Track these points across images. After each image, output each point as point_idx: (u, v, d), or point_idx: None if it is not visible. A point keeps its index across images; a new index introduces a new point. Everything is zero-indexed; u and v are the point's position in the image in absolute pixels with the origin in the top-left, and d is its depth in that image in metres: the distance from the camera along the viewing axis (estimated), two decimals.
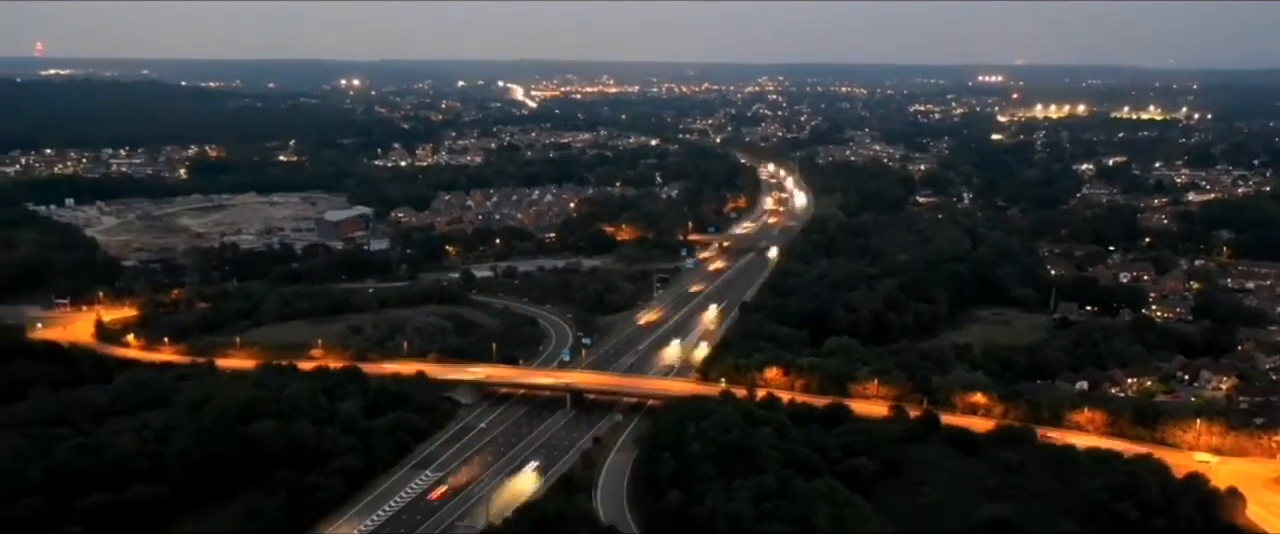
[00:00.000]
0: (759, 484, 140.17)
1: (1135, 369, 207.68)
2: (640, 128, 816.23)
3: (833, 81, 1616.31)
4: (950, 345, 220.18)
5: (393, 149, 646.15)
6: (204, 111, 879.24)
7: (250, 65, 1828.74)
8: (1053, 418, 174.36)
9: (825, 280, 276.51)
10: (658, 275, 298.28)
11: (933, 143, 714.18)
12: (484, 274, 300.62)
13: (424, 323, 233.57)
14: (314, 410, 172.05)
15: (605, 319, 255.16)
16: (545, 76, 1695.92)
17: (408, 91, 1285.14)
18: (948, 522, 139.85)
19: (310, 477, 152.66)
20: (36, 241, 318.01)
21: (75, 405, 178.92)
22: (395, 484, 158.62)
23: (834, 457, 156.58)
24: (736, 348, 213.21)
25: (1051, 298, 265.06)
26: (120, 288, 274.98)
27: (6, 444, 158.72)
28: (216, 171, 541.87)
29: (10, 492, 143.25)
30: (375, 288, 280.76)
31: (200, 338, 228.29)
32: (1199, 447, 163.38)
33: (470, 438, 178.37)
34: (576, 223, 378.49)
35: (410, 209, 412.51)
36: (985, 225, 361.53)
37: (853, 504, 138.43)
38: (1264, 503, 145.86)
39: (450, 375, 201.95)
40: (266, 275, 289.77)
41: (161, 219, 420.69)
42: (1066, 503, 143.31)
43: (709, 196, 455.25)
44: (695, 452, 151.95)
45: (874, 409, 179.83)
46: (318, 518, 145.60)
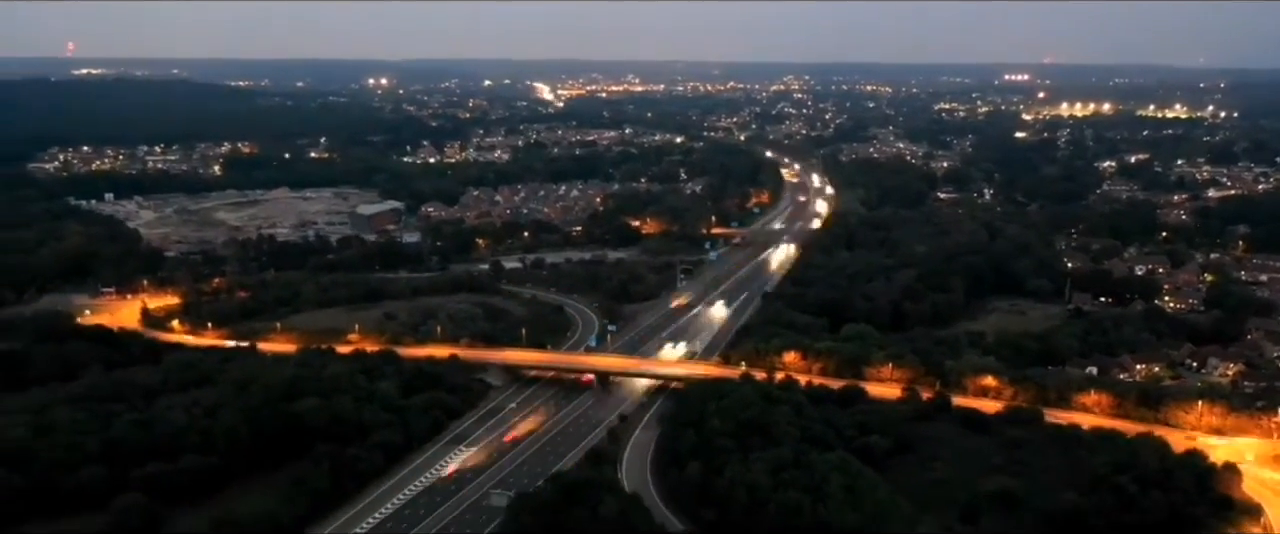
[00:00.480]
0: (775, 456, 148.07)
1: (1144, 356, 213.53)
2: (665, 126, 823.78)
3: (858, 81, 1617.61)
4: (964, 332, 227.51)
5: (422, 146, 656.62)
6: (235, 110, 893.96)
7: (278, 65, 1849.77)
8: (1060, 400, 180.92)
9: (845, 271, 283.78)
10: (681, 267, 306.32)
11: (956, 140, 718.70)
12: (512, 265, 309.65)
13: (456, 310, 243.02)
14: (354, 389, 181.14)
15: (630, 308, 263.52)
16: (571, 76, 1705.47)
17: (435, 90, 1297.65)
18: (955, 493, 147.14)
19: (351, 450, 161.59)
20: (82, 234, 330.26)
21: (127, 384, 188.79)
22: (430, 458, 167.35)
23: (848, 434, 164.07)
24: (757, 333, 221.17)
25: (1066, 289, 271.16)
26: (163, 277, 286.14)
27: (67, 419, 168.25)
28: (250, 168, 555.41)
29: (73, 462, 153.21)
30: (408, 277, 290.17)
31: (242, 323, 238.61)
32: (1201, 427, 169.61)
33: (501, 416, 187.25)
34: (602, 217, 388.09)
35: (440, 204, 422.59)
36: (1003, 220, 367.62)
37: (864, 476, 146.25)
38: (1260, 479, 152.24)
39: (482, 358, 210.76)
40: (303, 266, 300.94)
41: (198, 213, 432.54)
42: (1070, 477, 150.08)
43: (732, 192, 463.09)
44: (715, 427, 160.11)
45: (888, 391, 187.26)
46: (359, 487, 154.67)
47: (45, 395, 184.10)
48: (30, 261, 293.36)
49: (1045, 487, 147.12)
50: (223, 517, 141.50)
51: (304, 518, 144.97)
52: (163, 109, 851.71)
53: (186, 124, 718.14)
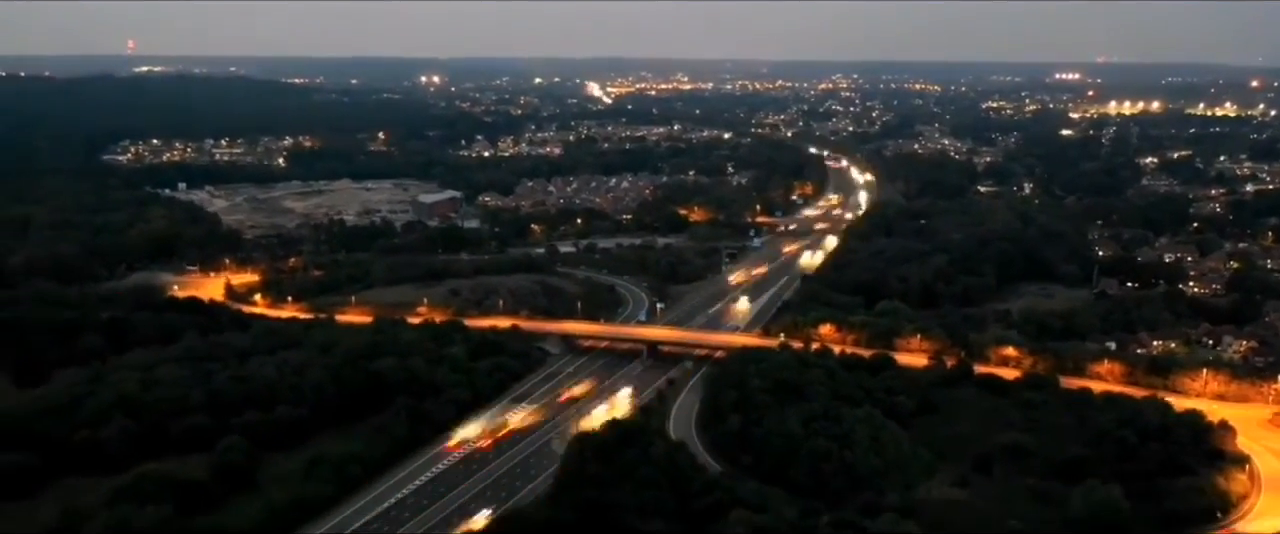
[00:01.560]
0: (808, 410, 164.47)
1: (1162, 334, 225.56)
2: (713, 122, 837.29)
3: (907, 80, 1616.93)
4: (991, 310, 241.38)
5: (476, 141, 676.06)
6: (294, 105, 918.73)
7: (331, 63, 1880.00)
8: (1076, 369, 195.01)
9: (882, 256, 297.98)
10: (726, 252, 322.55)
11: (1000, 137, 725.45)
12: (567, 249, 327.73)
13: (515, 286, 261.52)
14: (425, 352, 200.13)
15: (677, 288, 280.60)
16: (620, 74, 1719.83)
17: (486, 88, 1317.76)
18: (971, 446, 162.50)
19: (425, 404, 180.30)
20: (166, 217, 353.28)
21: (222, 346, 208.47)
22: (496, 413, 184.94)
23: (877, 396, 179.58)
24: (796, 310, 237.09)
25: (1094, 274, 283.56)
26: (242, 257, 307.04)
27: (171, 375, 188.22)
28: (312, 160, 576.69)
29: (180, 410, 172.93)
30: (469, 259, 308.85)
31: (318, 298, 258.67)
32: (1205, 394, 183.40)
33: (558, 379, 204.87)
34: (651, 205, 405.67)
35: (496, 194, 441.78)
36: (1039, 211, 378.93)
37: (888, 428, 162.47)
38: (1254, 436, 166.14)
39: (540, 329, 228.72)
40: (370, 248, 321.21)
41: (267, 202, 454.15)
42: (1078, 433, 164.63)
43: (777, 184, 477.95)
44: (754, 386, 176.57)
45: (915, 360, 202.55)
46: (434, 435, 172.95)
47: (149, 356, 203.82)
48: (120, 242, 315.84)
49: (1054, 440, 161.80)
50: (315, 457, 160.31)
51: (385, 459, 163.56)
52: (224, 104, 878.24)
53: (248, 119, 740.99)
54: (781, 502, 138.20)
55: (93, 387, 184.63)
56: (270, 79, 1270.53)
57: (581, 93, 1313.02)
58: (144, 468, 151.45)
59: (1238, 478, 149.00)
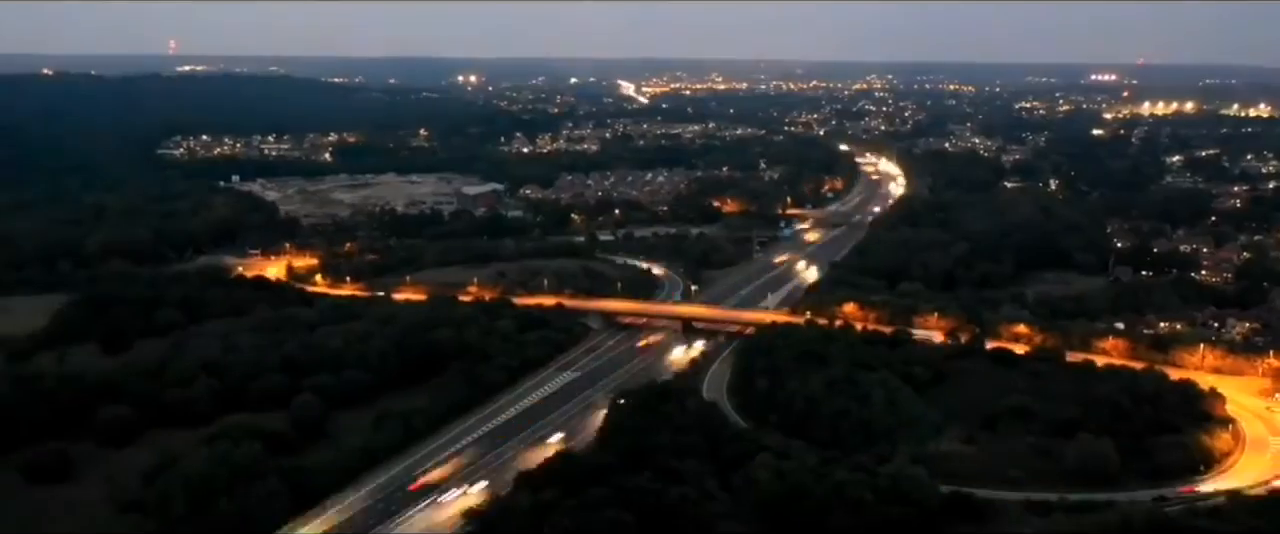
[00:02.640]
0: (830, 375, 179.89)
1: (1169, 316, 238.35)
2: (747, 121, 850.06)
3: (941, 80, 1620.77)
4: (1007, 294, 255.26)
5: (515, 137, 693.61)
6: (337, 104, 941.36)
7: (370, 63, 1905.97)
8: (1083, 346, 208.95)
9: (906, 244, 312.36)
10: (757, 240, 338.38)
11: (1031, 136, 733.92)
12: (606, 238, 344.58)
13: (558, 269, 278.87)
14: (478, 324, 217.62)
15: (709, 273, 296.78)
16: (655, 74, 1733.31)
17: (523, 87, 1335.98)
18: (980, 408, 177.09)
19: (479, 369, 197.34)
20: (228, 206, 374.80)
21: (291, 319, 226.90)
22: (543, 379, 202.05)
23: (894, 366, 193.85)
24: (822, 290, 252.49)
25: (1109, 262, 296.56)
26: (300, 242, 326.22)
27: (248, 342, 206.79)
28: (357, 155, 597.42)
29: (257, 372, 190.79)
30: (514, 244, 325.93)
31: (374, 278, 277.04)
32: (1202, 368, 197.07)
33: (600, 351, 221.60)
34: (686, 198, 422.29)
35: (537, 186, 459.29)
36: (1061, 204, 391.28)
37: (903, 391, 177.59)
38: (1245, 405, 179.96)
39: (582, 306, 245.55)
40: (420, 235, 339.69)
41: (317, 194, 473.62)
42: (1078, 398, 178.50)
43: (808, 179, 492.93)
44: (781, 354, 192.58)
45: (932, 336, 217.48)
46: (488, 396, 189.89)
47: (224, 327, 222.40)
48: (186, 228, 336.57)
49: (1056, 404, 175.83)
50: (381, 413, 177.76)
51: (444, 416, 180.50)
52: (269, 102, 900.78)
53: (293, 116, 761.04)
54: (803, 451, 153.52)
55: (176, 352, 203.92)
56: (312, 78, 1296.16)
57: (617, 92, 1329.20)
58: (230, 419, 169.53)
59: (1222, 437, 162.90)
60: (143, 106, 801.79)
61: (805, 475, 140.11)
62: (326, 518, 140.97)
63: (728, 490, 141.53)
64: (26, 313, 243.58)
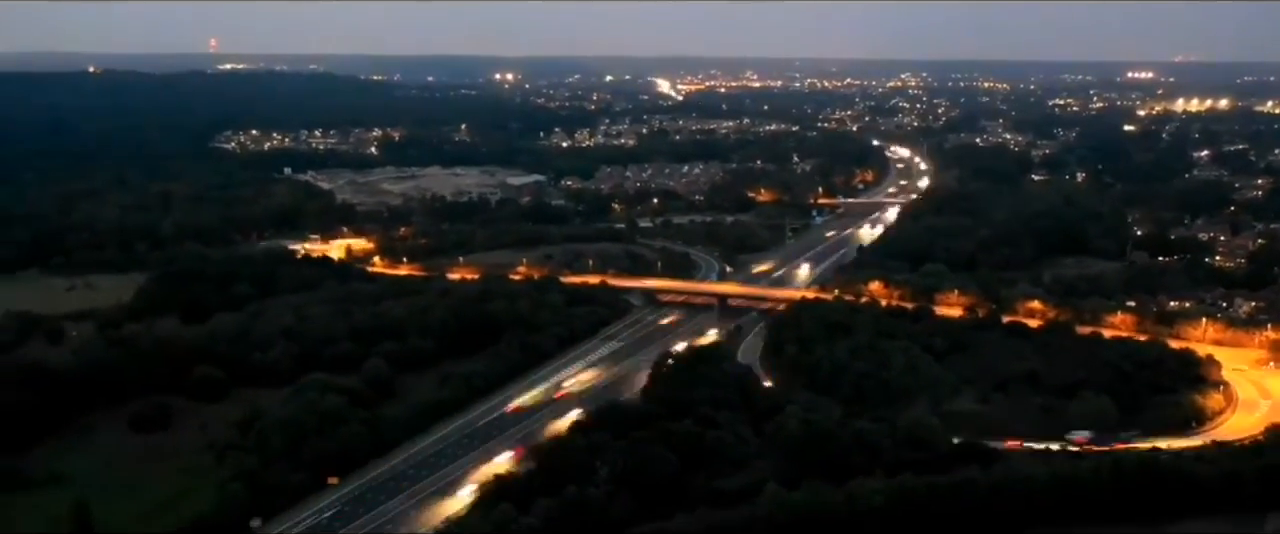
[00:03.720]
0: (855, 342, 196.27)
1: (1179, 296, 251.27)
2: (781, 118, 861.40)
3: (976, 78, 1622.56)
4: (1025, 275, 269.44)
5: (553, 133, 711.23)
6: (377, 100, 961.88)
7: (407, 61, 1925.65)
8: (1093, 320, 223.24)
9: (931, 230, 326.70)
10: (790, 227, 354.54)
11: (1062, 132, 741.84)
12: (645, 225, 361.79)
13: (601, 251, 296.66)
14: (530, 299, 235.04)
15: (743, 257, 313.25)
16: (689, 72, 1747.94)
17: (559, 85, 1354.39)
18: (993, 374, 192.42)
19: (532, 337, 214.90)
20: (286, 193, 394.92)
21: (356, 293, 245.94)
22: (587, 348, 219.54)
23: (915, 336, 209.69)
24: (850, 271, 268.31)
25: (1127, 247, 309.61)
26: (356, 227, 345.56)
27: (319, 313, 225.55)
28: (402, 148, 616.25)
29: (329, 339, 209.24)
30: (559, 229, 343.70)
31: (428, 259, 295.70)
32: (1204, 340, 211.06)
33: (642, 324, 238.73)
34: (722, 188, 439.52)
35: (577, 178, 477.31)
36: (1083, 195, 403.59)
37: (922, 357, 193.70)
38: (1241, 372, 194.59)
39: (625, 285, 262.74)
40: (469, 221, 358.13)
41: (366, 185, 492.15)
42: (1084, 365, 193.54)
43: (840, 171, 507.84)
44: (809, 325, 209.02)
45: (952, 312, 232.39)
46: (540, 361, 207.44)
47: (296, 299, 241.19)
48: (249, 214, 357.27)
49: (1063, 370, 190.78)
50: (443, 376, 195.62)
51: (501, 378, 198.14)
52: (312, 99, 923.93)
53: (337, 112, 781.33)
54: (828, 405, 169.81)
55: (254, 322, 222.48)
56: (352, 76, 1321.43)
57: (652, 90, 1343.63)
58: (309, 377, 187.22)
59: (1214, 398, 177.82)
60: (190, 102, 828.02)
61: (830, 424, 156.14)
62: (403, 458, 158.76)
63: (759, 436, 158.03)
64: (110, 289, 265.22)
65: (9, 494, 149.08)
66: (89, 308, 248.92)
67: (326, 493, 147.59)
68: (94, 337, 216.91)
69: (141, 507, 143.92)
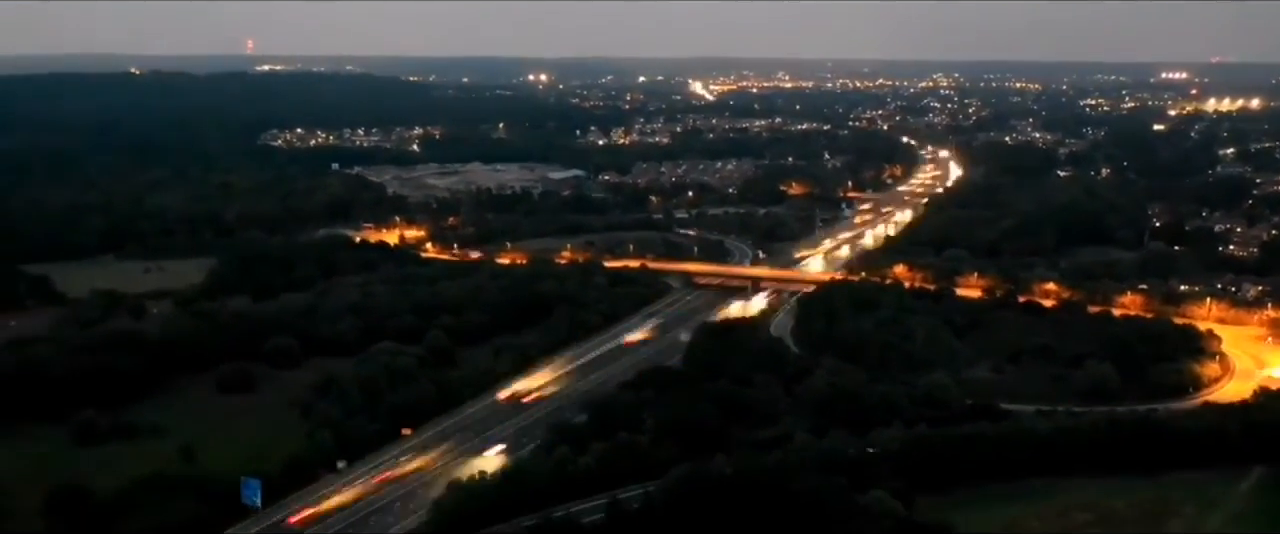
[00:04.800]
0: (879, 316, 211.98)
1: (1190, 280, 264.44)
2: (813, 117, 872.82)
3: (1008, 78, 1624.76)
4: (1043, 261, 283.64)
5: (590, 131, 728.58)
6: (416, 100, 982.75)
7: (441, 62, 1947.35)
8: (1105, 300, 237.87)
9: (955, 221, 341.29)
10: (820, 218, 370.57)
11: (1091, 131, 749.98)
12: (681, 215, 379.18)
13: (641, 238, 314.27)
14: (576, 279, 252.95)
15: (775, 245, 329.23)
16: (722, 73, 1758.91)
17: (593, 86, 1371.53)
18: (1006, 347, 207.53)
19: (579, 313, 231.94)
20: (340, 185, 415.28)
21: (413, 274, 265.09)
22: (629, 323, 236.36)
23: (936, 314, 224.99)
24: (876, 256, 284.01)
25: (1145, 237, 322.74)
26: (408, 217, 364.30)
27: (381, 292, 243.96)
28: (444, 146, 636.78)
29: (393, 313, 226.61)
30: (599, 219, 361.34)
31: (478, 245, 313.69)
32: (1209, 318, 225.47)
33: (680, 304, 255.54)
34: (754, 182, 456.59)
35: (614, 173, 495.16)
36: (1106, 189, 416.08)
37: (942, 330, 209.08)
38: (1241, 346, 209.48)
39: (664, 268, 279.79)
40: (514, 211, 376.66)
41: (411, 180, 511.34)
42: (1093, 340, 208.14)
43: (869, 167, 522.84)
44: (837, 302, 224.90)
45: (972, 293, 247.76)
46: (587, 334, 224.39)
47: (358, 280, 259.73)
48: (305, 205, 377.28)
49: (1073, 343, 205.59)
50: (499, 346, 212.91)
51: (551, 348, 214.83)
52: (352, 98, 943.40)
53: (378, 111, 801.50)
54: (854, 370, 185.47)
55: (321, 299, 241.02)
56: (391, 76, 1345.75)
57: (685, 90, 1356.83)
58: (378, 345, 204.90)
59: (1212, 367, 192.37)
60: (234, 102, 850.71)
61: (854, 385, 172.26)
62: (467, 414, 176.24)
63: (790, 396, 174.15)
64: (180, 272, 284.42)
65: (119, 443, 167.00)
66: (164, 288, 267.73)
67: (401, 441, 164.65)
68: (175, 312, 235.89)
69: (238, 452, 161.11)
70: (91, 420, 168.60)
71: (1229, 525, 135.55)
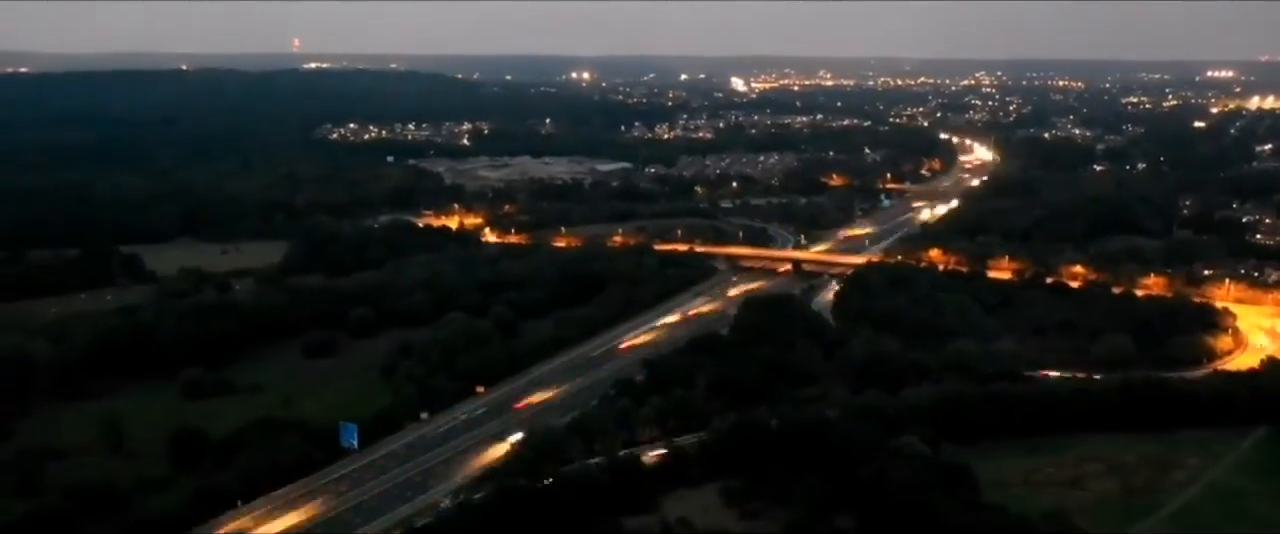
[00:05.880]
0: (913, 293, 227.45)
1: (1213, 266, 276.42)
2: (854, 114, 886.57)
3: (1051, 77, 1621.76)
4: (1072, 246, 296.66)
5: (635, 126, 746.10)
6: (462, 97, 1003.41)
7: (484, 60, 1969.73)
8: (1128, 282, 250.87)
9: (990, 210, 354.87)
10: (859, 207, 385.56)
11: (1130, 127, 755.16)
12: (725, 205, 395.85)
13: (688, 224, 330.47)
14: (628, 260, 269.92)
15: (815, 232, 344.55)
16: (763, 71, 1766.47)
17: (635, 83, 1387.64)
18: (1032, 323, 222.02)
19: (632, 290, 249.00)
20: (399, 175, 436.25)
21: (476, 255, 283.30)
22: (679, 300, 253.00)
23: (967, 293, 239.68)
24: (912, 241, 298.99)
25: (1173, 226, 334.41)
26: (465, 205, 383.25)
27: (449, 270, 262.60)
28: (493, 140, 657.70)
29: (460, 289, 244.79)
30: (648, 207, 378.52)
31: (533, 231, 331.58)
32: (1227, 298, 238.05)
33: (728, 284, 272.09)
34: (796, 174, 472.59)
35: (660, 165, 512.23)
36: (1138, 181, 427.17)
37: (973, 307, 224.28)
38: (1256, 322, 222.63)
39: (711, 251, 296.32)
40: (566, 199, 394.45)
41: (464, 171, 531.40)
42: (1114, 317, 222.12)
43: (908, 160, 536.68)
44: (874, 280, 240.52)
45: (1002, 275, 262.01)
46: (639, 310, 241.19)
47: (425, 260, 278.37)
48: (369, 193, 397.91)
49: (1095, 319, 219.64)
50: (558, 319, 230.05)
51: (607, 321, 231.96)
52: (400, 95, 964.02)
53: (426, 107, 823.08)
54: (888, 341, 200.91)
55: (393, 276, 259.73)
56: (436, 73, 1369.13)
57: (726, 88, 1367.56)
58: (450, 315, 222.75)
59: (1225, 340, 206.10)
60: (286, 98, 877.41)
61: (889, 351, 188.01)
62: (535, 375, 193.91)
63: (828, 362, 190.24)
64: (257, 253, 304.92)
65: (221, 398, 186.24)
66: (243, 267, 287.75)
67: (475, 398, 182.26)
68: (260, 286, 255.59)
69: (330, 404, 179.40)
70: (198, 378, 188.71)
71: (1229, 475, 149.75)
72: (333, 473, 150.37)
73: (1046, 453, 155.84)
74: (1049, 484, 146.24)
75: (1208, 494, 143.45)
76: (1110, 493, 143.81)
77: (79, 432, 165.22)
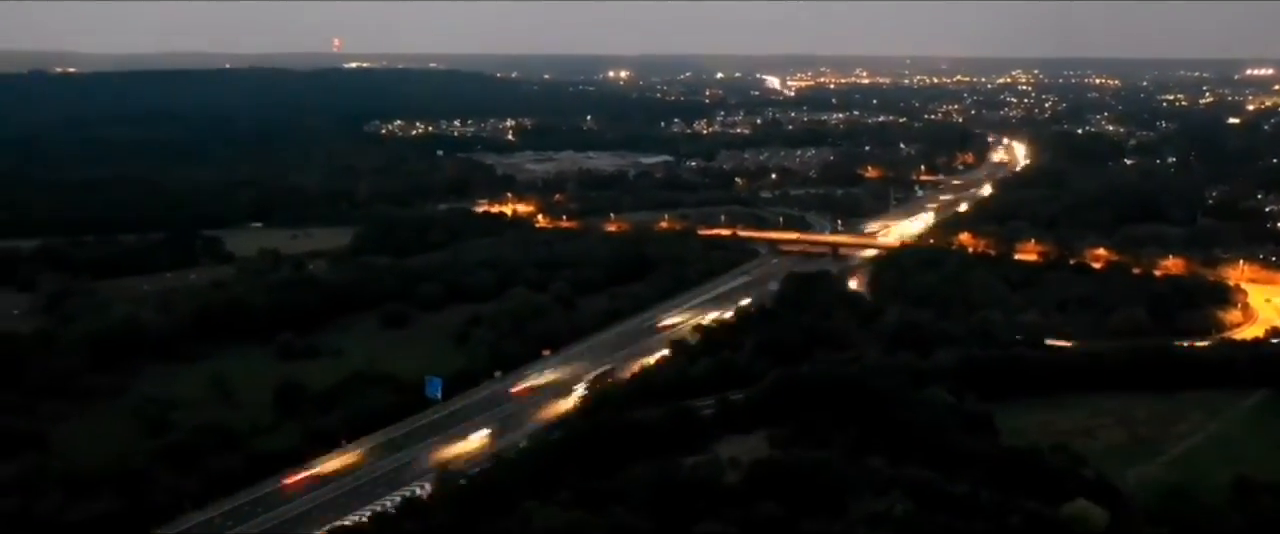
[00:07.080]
0: (943, 271, 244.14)
1: (1233, 251, 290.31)
2: (889, 111, 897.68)
3: (1088, 75, 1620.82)
4: (1097, 231, 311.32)
5: (674, 122, 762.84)
6: (503, 95, 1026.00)
7: (522, 59, 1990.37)
8: (1149, 264, 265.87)
9: (1020, 200, 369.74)
10: (894, 197, 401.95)
11: (1164, 124, 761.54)
12: (765, 195, 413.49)
13: (730, 211, 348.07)
14: (675, 242, 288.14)
15: (851, 220, 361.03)
16: (799, 69, 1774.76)
17: (673, 81, 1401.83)
18: (1054, 298, 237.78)
19: (679, 270, 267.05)
20: (454, 167, 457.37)
21: (531, 238, 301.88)
22: (723, 279, 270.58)
23: (995, 272, 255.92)
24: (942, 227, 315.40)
25: (1197, 215, 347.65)
26: (517, 194, 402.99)
27: (506, 250, 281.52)
28: (537, 135, 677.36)
29: (519, 267, 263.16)
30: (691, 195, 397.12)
31: (583, 218, 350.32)
32: (1241, 277, 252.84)
33: (767, 267, 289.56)
34: (833, 166, 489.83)
35: (701, 158, 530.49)
36: (1165, 173, 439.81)
37: (999, 284, 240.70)
38: (1267, 300, 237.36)
39: (752, 236, 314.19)
40: (613, 189, 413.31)
41: (511, 165, 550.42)
42: (1133, 294, 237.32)
43: (942, 154, 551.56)
44: (907, 261, 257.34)
45: (1029, 257, 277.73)
46: (686, 288, 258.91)
47: (485, 242, 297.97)
48: (426, 183, 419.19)
49: (1114, 296, 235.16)
50: (611, 295, 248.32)
51: (657, 298, 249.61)
52: (442, 92, 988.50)
53: (470, 104, 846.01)
54: (919, 313, 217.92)
55: (456, 256, 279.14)
56: (477, 72, 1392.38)
57: (762, 86, 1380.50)
58: (513, 290, 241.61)
59: (1234, 314, 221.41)
60: (334, 95, 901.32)
61: (920, 320, 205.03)
62: (595, 340, 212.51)
63: (863, 331, 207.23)
64: (325, 237, 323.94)
65: (308, 360, 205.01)
66: (314, 250, 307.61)
67: (541, 361, 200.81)
68: (334, 265, 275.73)
69: (410, 367, 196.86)
70: (290, 342, 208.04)
71: (1229, 427, 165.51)
72: (422, 421, 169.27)
73: (1062, 409, 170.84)
74: (1063, 434, 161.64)
75: (1208, 443, 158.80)
76: (1119, 441, 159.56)
77: (190, 388, 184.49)
